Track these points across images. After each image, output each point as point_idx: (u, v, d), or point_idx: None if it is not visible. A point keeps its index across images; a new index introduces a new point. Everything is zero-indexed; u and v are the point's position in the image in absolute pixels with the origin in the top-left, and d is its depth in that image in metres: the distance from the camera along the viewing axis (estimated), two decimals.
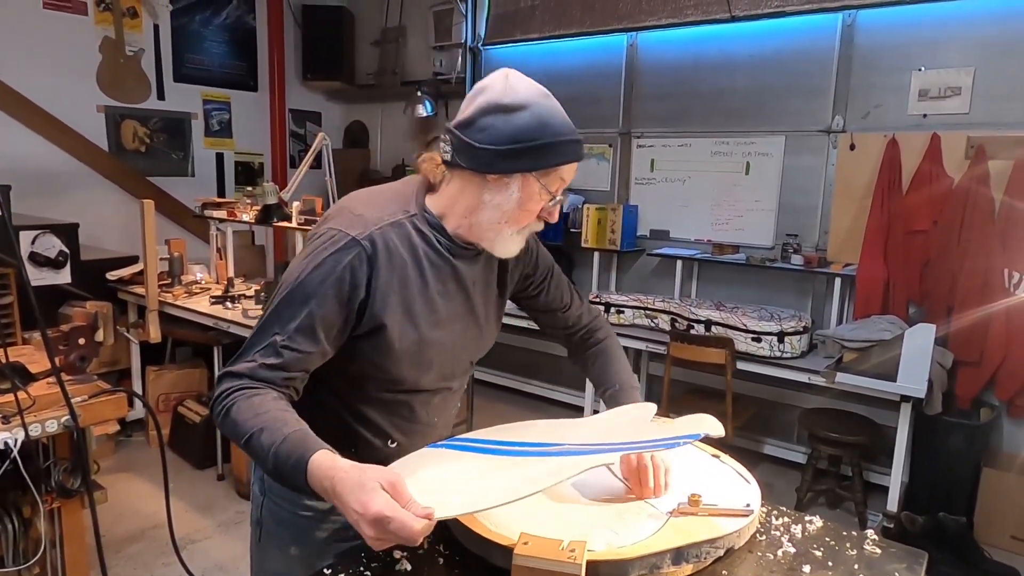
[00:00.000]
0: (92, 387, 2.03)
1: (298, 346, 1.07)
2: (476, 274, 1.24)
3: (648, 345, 3.78)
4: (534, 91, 1.09)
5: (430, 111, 5.33)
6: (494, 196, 1.10)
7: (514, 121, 1.06)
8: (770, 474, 3.85)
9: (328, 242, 1.09)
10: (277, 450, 0.97)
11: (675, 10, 4.07)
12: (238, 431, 1.02)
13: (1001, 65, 3.21)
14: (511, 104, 1.06)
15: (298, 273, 1.09)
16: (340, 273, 1.07)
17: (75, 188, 4.65)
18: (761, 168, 3.98)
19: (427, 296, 1.16)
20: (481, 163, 1.08)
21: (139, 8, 4.89)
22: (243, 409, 1.02)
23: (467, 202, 1.13)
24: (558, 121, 1.08)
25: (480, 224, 1.14)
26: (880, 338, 3.11)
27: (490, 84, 1.10)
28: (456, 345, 1.25)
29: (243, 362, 1.08)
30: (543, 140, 1.07)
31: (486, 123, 1.07)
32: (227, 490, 3.50)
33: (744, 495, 1.18)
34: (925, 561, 1.11)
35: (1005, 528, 3.11)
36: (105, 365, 3.88)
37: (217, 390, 1.07)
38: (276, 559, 1.28)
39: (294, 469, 0.95)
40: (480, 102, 1.08)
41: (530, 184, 1.09)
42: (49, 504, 2.00)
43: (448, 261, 1.18)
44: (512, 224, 1.13)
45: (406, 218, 1.15)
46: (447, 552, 1.09)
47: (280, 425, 0.99)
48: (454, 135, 1.10)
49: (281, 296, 1.09)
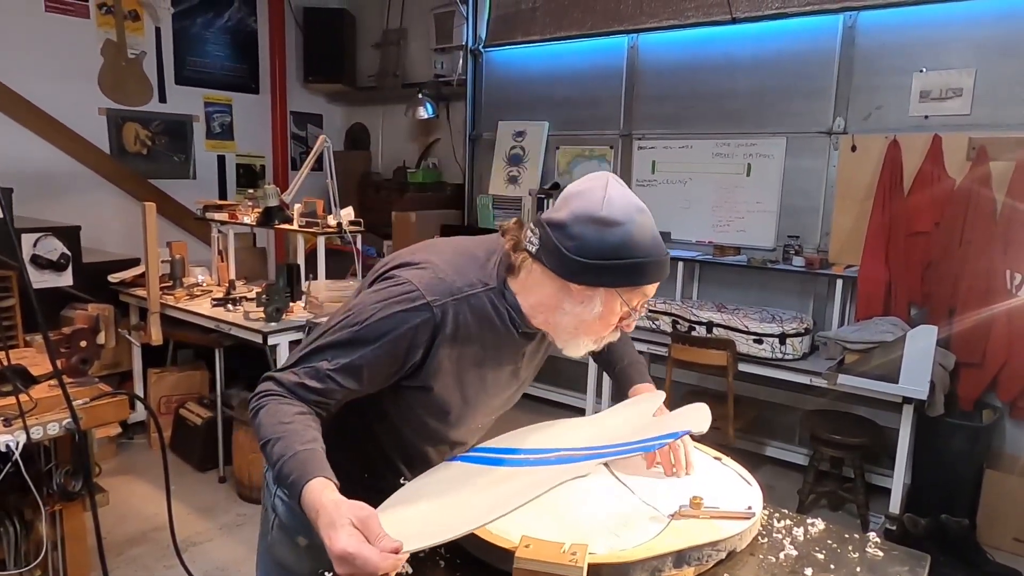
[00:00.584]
0: (93, 389, 2.03)
1: (341, 381, 1.09)
2: (531, 346, 1.26)
3: (649, 347, 3.77)
4: (631, 207, 1.07)
5: (431, 113, 5.33)
6: (575, 306, 1.10)
7: (606, 236, 1.04)
8: (772, 476, 3.84)
9: (403, 296, 1.09)
10: (283, 464, 1.00)
11: (676, 12, 4.07)
12: (260, 432, 1.06)
13: (1002, 66, 3.21)
14: (606, 218, 1.04)
15: (366, 316, 1.09)
16: (403, 332, 1.08)
17: (77, 191, 4.66)
18: (762, 170, 3.97)
19: (482, 368, 1.19)
20: (566, 270, 1.06)
21: (141, 11, 4.90)
22: (271, 413, 1.06)
23: (545, 300, 1.13)
24: (649, 239, 1.07)
25: (558, 326, 1.14)
26: (882, 340, 3.10)
27: (588, 190, 1.08)
28: (491, 407, 1.30)
29: (289, 372, 1.10)
30: (633, 259, 1.05)
31: (579, 232, 1.04)
32: (228, 492, 3.50)
33: (746, 497, 1.18)
34: (928, 563, 1.11)
35: (1008, 530, 3.10)
36: (106, 367, 3.88)
37: (258, 388, 1.11)
38: (287, 548, 1.30)
39: (292, 487, 0.99)
40: (575, 207, 1.06)
41: (613, 299, 1.09)
42: (51, 506, 2.01)
43: (514, 339, 1.19)
44: (588, 334, 1.14)
45: (484, 292, 1.14)
46: (448, 555, 1.09)
47: (295, 439, 1.02)
48: (545, 232, 1.08)
49: (345, 331, 1.10)
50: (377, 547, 0.89)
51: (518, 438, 1.32)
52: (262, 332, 3.14)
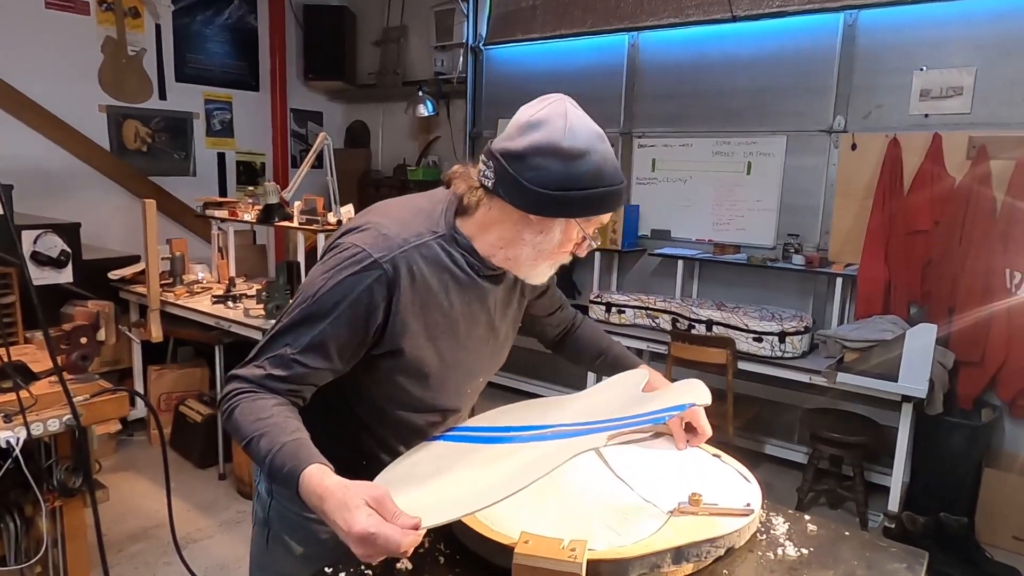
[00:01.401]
0: (94, 386, 2.04)
1: (308, 362, 1.06)
2: (499, 294, 1.23)
3: (649, 345, 3.78)
4: (593, 135, 1.04)
5: (431, 111, 5.33)
6: (535, 236, 1.09)
7: (571, 169, 1.02)
8: (771, 474, 3.85)
9: (349, 260, 1.06)
10: (273, 457, 0.97)
11: (676, 10, 4.07)
12: (240, 433, 1.03)
13: (1003, 65, 3.21)
14: (570, 149, 1.01)
15: (316, 289, 1.07)
16: (357, 295, 1.05)
17: (77, 188, 4.66)
18: (762, 168, 3.97)
19: (450, 319, 1.15)
20: (527, 203, 1.04)
21: (141, 8, 4.89)
22: (246, 412, 1.03)
23: (503, 233, 1.11)
24: (610, 169, 1.05)
25: (516, 258, 1.13)
26: (881, 338, 3.10)
27: (548, 119, 1.03)
28: (475, 365, 1.26)
29: (252, 367, 1.08)
30: (595, 189, 1.04)
31: (539, 163, 1.02)
32: (228, 489, 3.50)
33: (745, 495, 1.18)
34: (926, 561, 1.11)
35: (1007, 528, 3.10)
36: (107, 364, 3.88)
37: (224, 390, 1.08)
38: (283, 560, 1.28)
39: (286, 479, 0.96)
40: (536, 139, 1.02)
41: (571, 228, 1.09)
42: (51, 503, 2.01)
43: (475, 282, 1.16)
44: (547, 260, 1.14)
45: (433, 239, 1.12)
46: (448, 551, 1.09)
47: (279, 432, 0.99)
48: (499, 163, 1.05)
49: (297, 309, 1.08)
50: (396, 524, 0.88)
51: (500, 416, 1.29)
52: (262, 329, 3.14)
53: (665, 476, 1.24)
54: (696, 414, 1.30)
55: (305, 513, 1.24)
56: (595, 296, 4.09)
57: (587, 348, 1.52)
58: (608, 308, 3.98)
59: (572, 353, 1.55)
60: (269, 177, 5.76)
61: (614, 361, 1.47)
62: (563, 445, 1.12)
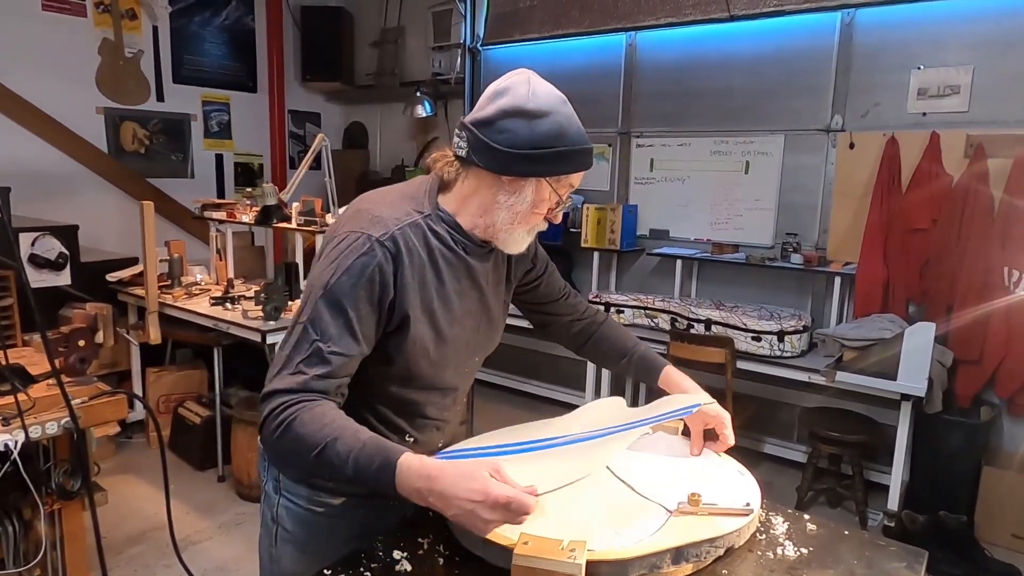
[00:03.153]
0: (92, 389, 2.03)
1: (343, 350, 1.08)
2: (488, 271, 1.27)
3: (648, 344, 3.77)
4: (555, 98, 1.12)
5: (429, 112, 5.33)
6: (508, 197, 1.14)
7: (535, 127, 1.08)
8: (770, 473, 3.85)
9: (353, 245, 1.10)
10: (358, 456, 0.99)
11: (674, 10, 4.07)
12: (307, 443, 1.01)
13: (1000, 63, 3.21)
14: (534, 110, 1.08)
15: (327, 279, 1.09)
16: (370, 275, 1.09)
17: (75, 190, 4.65)
18: (760, 167, 3.98)
19: (444, 295, 1.19)
20: (499, 164, 1.10)
21: (138, 10, 4.89)
22: (308, 421, 1.02)
23: (481, 201, 1.16)
24: (575, 130, 1.11)
25: (494, 224, 1.17)
26: (880, 337, 3.11)
27: (512, 86, 1.11)
28: (471, 342, 1.29)
29: (288, 377, 1.06)
30: (561, 147, 1.10)
31: (507, 125, 1.08)
32: (227, 491, 3.50)
33: (744, 494, 1.18)
34: (925, 560, 1.11)
35: (1006, 526, 3.11)
36: (105, 367, 3.87)
37: (267, 408, 1.05)
38: (292, 557, 1.29)
39: (379, 472, 0.98)
40: (502, 104, 1.10)
41: (543, 188, 1.14)
42: (49, 506, 2.00)
43: (463, 259, 1.21)
44: (523, 224, 1.17)
45: (421, 218, 1.17)
46: (447, 552, 1.09)
47: (353, 432, 1.01)
48: (471, 132, 1.12)
49: (314, 304, 1.09)
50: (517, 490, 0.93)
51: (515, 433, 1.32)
52: (260, 331, 3.14)
53: (664, 476, 1.24)
54: (722, 421, 1.31)
55: (315, 508, 1.26)
56: (594, 296, 4.09)
57: (612, 348, 1.52)
58: (607, 308, 3.98)
59: (597, 353, 1.54)
60: (267, 178, 5.75)
61: (639, 361, 1.49)
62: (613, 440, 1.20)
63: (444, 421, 1.34)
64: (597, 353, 1.54)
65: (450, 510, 0.95)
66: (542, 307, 1.48)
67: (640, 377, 1.50)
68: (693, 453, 1.33)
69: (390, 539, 1.13)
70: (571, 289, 1.53)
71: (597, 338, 1.52)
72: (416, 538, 1.13)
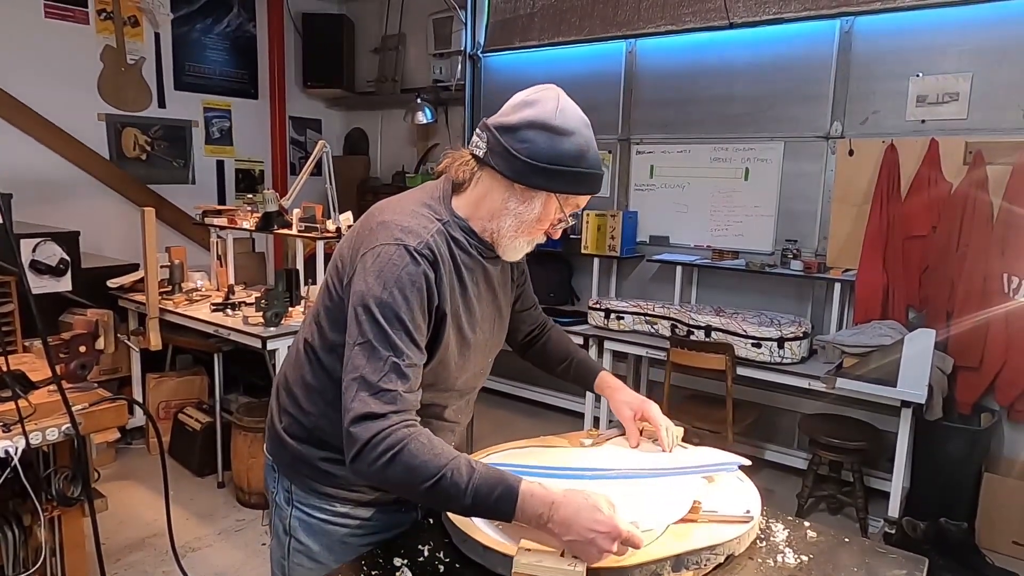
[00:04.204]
0: (93, 395, 2.03)
1: (415, 360, 1.10)
2: (498, 273, 1.29)
3: (648, 351, 3.78)
4: (580, 120, 1.15)
5: (430, 118, 5.34)
6: (518, 205, 1.16)
7: (557, 144, 1.11)
8: (771, 480, 3.85)
9: (394, 258, 1.10)
10: (477, 484, 1.00)
11: (674, 17, 4.08)
12: (420, 473, 1.01)
13: (998, 71, 3.22)
14: (559, 127, 1.11)
15: (379, 294, 1.08)
16: (419, 284, 1.10)
17: (76, 196, 4.66)
18: (760, 174, 3.98)
19: (467, 299, 1.22)
20: (515, 171, 1.12)
21: (140, 17, 4.91)
22: (420, 451, 1.02)
23: (491, 205, 1.18)
24: (592, 154, 1.15)
25: (499, 229, 1.19)
26: (880, 343, 3.11)
27: (541, 100, 1.14)
28: (487, 344, 1.32)
29: (376, 400, 1.04)
30: (577, 168, 1.12)
31: (529, 136, 1.11)
32: (227, 497, 3.49)
33: (744, 501, 1.18)
34: (925, 567, 1.11)
35: (1007, 533, 3.10)
36: (106, 373, 3.87)
37: (364, 436, 1.02)
38: (307, 568, 1.29)
39: (500, 500, 0.99)
40: (529, 115, 1.12)
41: (551, 203, 1.16)
42: (49, 512, 2.00)
43: (480, 263, 1.23)
44: (526, 234, 1.20)
45: (442, 225, 1.19)
46: (447, 560, 1.09)
47: (465, 461, 1.03)
48: (492, 135, 1.14)
49: (374, 322, 1.07)
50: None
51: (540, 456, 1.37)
52: (261, 337, 3.14)
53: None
54: (648, 408, 1.41)
55: (329, 518, 1.27)
56: (594, 302, 4.09)
57: (555, 354, 1.57)
58: (607, 314, 3.98)
59: (540, 358, 1.59)
60: (268, 185, 5.77)
61: (578, 366, 1.55)
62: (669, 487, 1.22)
63: (458, 423, 1.36)
64: (541, 357, 1.59)
65: (569, 535, 0.97)
66: (516, 313, 1.51)
67: (578, 381, 1.56)
68: (631, 445, 1.40)
69: (391, 546, 1.13)
70: (536, 300, 1.58)
71: (543, 343, 1.58)
72: (417, 545, 1.13)
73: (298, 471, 1.27)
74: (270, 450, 1.34)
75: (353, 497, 1.25)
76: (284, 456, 1.29)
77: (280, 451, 1.30)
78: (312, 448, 1.25)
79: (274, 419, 1.33)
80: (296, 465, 1.27)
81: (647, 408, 1.42)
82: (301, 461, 1.26)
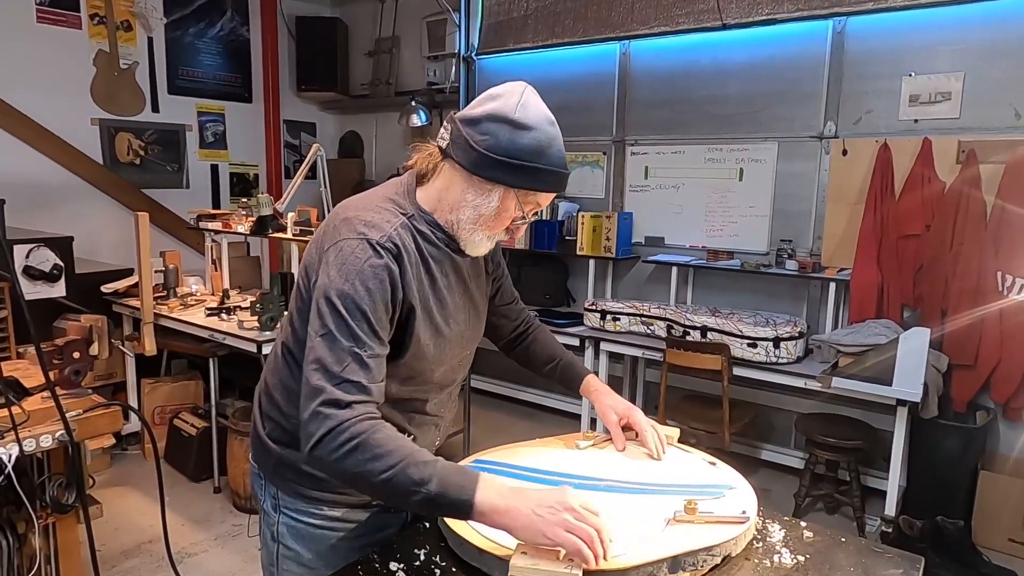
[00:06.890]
0: (87, 401, 2.02)
1: (377, 351, 1.09)
2: (469, 265, 1.29)
3: (644, 352, 3.78)
4: (543, 116, 1.14)
5: (424, 121, 5.34)
6: (476, 197, 1.15)
7: (517, 138, 1.10)
8: (767, 480, 3.85)
9: (357, 251, 1.11)
10: (437, 472, 0.99)
11: (667, 18, 4.09)
12: (381, 463, 0.99)
13: (990, 70, 3.23)
14: (519, 121, 1.10)
15: (341, 286, 1.08)
16: (381, 276, 1.10)
17: (70, 201, 4.65)
18: (754, 174, 3.99)
19: (438, 292, 1.21)
20: (472, 163, 1.12)
21: (133, 21, 4.90)
22: (382, 441, 1.01)
23: (452, 198, 1.18)
24: (554, 151, 1.13)
25: (459, 221, 1.19)
26: (875, 342, 3.11)
27: (505, 93, 1.14)
28: (463, 336, 1.31)
29: (335, 390, 1.03)
30: (536, 164, 1.11)
31: (490, 129, 1.11)
32: (223, 503, 3.48)
33: (740, 502, 1.18)
34: (921, 566, 1.11)
35: (1003, 531, 3.11)
36: (100, 378, 3.86)
37: (323, 428, 1.02)
38: (295, 573, 1.29)
39: (460, 489, 0.99)
40: (491, 108, 1.12)
41: (509, 198, 1.15)
42: (44, 519, 1.99)
43: (448, 255, 1.23)
44: (485, 228, 1.19)
45: (407, 218, 1.19)
46: (443, 564, 1.09)
47: (423, 453, 1.02)
48: (456, 127, 1.14)
49: (336, 314, 1.07)
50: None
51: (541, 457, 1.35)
52: (256, 341, 3.13)
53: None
54: (633, 413, 1.40)
55: (316, 522, 1.26)
56: (590, 304, 4.09)
57: (542, 354, 1.57)
58: (603, 315, 3.98)
59: (526, 357, 1.59)
60: (262, 188, 5.76)
61: (565, 368, 1.54)
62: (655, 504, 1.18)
63: (441, 417, 1.36)
64: (527, 356, 1.58)
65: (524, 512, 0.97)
66: (496, 308, 1.50)
67: (564, 383, 1.55)
68: (617, 449, 1.39)
69: (387, 550, 1.12)
70: (518, 295, 1.58)
71: (530, 342, 1.57)
72: (413, 549, 1.13)
73: (283, 476, 1.27)
74: (255, 457, 1.34)
75: (340, 500, 1.25)
76: (268, 462, 1.29)
77: (264, 457, 1.30)
78: (295, 452, 1.23)
79: (257, 425, 1.33)
80: (280, 470, 1.27)
81: (632, 414, 1.41)
82: (285, 465, 1.26)
